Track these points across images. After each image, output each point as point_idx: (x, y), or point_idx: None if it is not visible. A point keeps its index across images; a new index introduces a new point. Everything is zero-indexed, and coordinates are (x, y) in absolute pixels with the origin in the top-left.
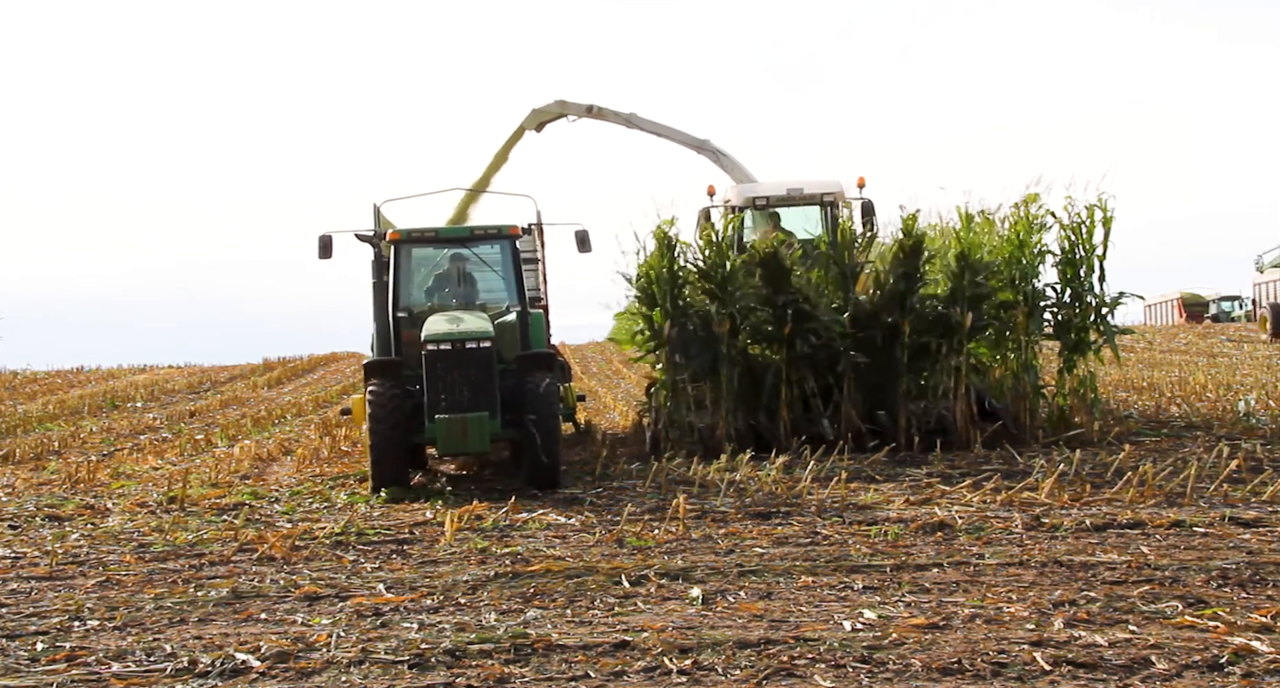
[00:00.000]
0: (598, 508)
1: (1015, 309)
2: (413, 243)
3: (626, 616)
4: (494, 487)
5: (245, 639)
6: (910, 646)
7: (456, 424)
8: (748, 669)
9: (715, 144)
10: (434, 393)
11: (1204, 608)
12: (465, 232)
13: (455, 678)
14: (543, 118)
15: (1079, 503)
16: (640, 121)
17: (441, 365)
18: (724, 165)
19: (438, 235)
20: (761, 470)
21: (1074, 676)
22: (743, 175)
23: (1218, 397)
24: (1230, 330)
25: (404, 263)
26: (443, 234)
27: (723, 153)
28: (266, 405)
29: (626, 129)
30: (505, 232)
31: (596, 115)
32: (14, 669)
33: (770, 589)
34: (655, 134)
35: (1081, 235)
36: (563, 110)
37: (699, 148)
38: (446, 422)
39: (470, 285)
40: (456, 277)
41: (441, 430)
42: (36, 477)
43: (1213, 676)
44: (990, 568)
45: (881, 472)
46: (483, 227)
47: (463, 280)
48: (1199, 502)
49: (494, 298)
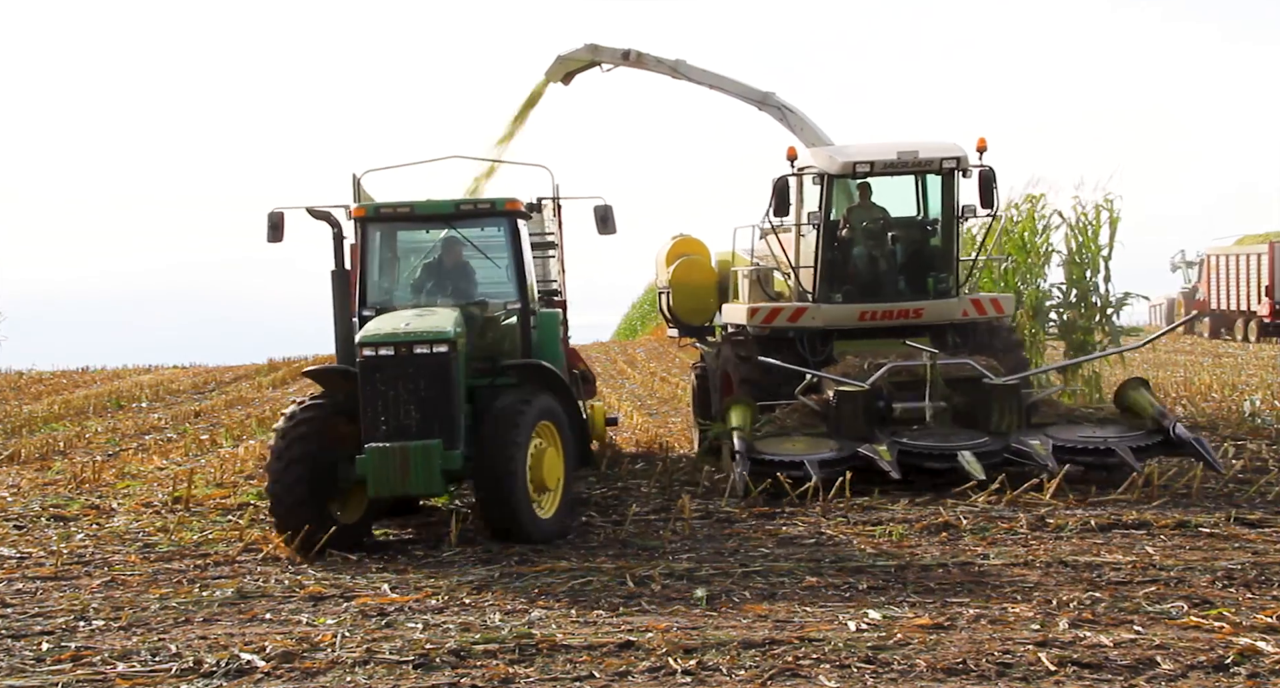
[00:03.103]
0: (603, 508)
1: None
2: (382, 220)
3: (631, 616)
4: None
5: (250, 639)
6: (915, 646)
7: (392, 456)
8: (752, 670)
9: (781, 98)
10: (371, 414)
11: (1209, 609)
12: (449, 206)
13: (460, 678)
14: (570, 67)
15: (1084, 504)
16: (690, 70)
17: (380, 377)
18: (791, 124)
19: (413, 211)
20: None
21: (1079, 676)
22: (814, 136)
23: (1223, 397)
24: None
25: (373, 247)
26: (419, 209)
27: (790, 109)
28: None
29: (673, 80)
30: (501, 206)
31: (635, 63)
32: (19, 669)
33: (775, 590)
34: (708, 86)
35: (1087, 235)
36: (594, 57)
37: (761, 102)
38: (379, 453)
39: (465, 278)
40: (449, 266)
41: (372, 464)
42: (42, 477)
43: (1218, 676)
44: (995, 569)
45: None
46: (471, 200)
47: (457, 271)
48: (1204, 502)
49: (496, 293)
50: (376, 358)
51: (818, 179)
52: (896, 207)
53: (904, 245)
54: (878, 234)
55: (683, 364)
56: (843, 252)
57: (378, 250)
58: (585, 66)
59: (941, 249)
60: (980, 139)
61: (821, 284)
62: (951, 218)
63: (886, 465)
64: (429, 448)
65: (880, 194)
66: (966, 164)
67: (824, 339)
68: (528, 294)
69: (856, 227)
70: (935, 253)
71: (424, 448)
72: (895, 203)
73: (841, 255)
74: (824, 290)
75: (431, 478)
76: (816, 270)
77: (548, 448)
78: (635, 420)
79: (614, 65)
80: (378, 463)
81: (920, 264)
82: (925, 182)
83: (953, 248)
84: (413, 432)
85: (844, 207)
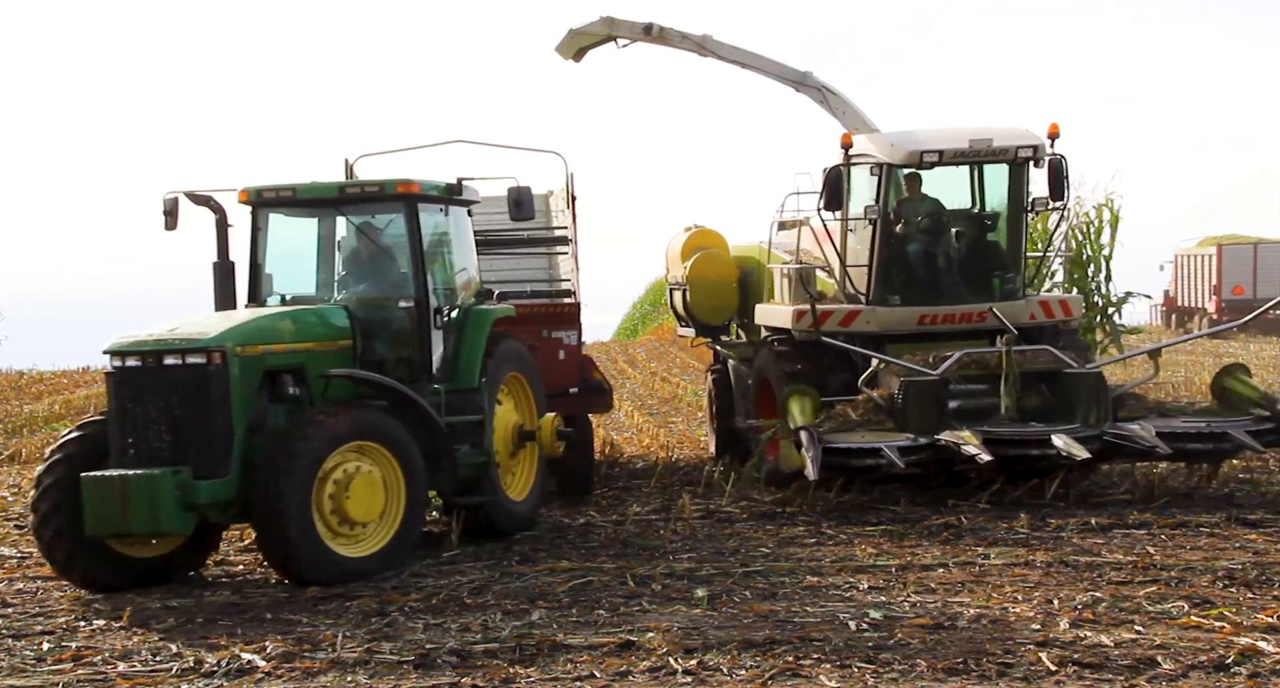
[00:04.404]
0: (603, 508)
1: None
2: (266, 205)
3: (632, 616)
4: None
5: (251, 639)
6: (916, 646)
7: (110, 488)
8: (753, 670)
9: (820, 78)
10: (118, 436)
11: (1210, 608)
12: (333, 189)
13: (460, 678)
14: (583, 42)
15: (1084, 504)
16: (718, 47)
17: (128, 393)
18: (833, 107)
19: (295, 195)
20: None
21: (1080, 676)
22: (859, 120)
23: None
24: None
25: (263, 237)
26: (302, 193)
27: (830, 90)
28: None
29: (699, 57)
30: (392, 189)
31: (657, 38)
32: (20, 669)
33: (775, 590)
34: (739, 65)
35: (1089, 235)
36: (610, 32)
37: (799, 83)
38: (94, 483)
39: (378, 271)
40: (365, 257)
41: (88, 497)
42: None
43: (1219, 676)
44: (995, 568)
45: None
46: (359, 182)
47: (371, 263)
48: (1205, 502)
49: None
50: (123, 370)
51: (875, 169)
52: (948, 198)
53: (966, 242)
54: (936, 229)
55: (683, 364)
56: (898, 249)
57: (271, 239)
58: (600, 42)
59: (1009, 245)
60: (1053, 124)
61: (877, 285)
62: (1020, 211)
63: (974, 449)
64: (153, 479)
65: (929, 184)
66: (1044, 152)
67: (876, 345)
68: (426, 290)
69: (911, 221)
70: (1000, 250)
71: (147, 479)
72: (946, 194)
73: (898, 253)
74: (879, 292)
75: (161, 514)
76: (871, 269)
77: (366, 474)
78: (636, 420)
79: (632, 40)
80: (94, 496)
81: (983, 262)
82: (983, 171)
83: (1020, 244)
84: (163, 457)
85: (893, 199)
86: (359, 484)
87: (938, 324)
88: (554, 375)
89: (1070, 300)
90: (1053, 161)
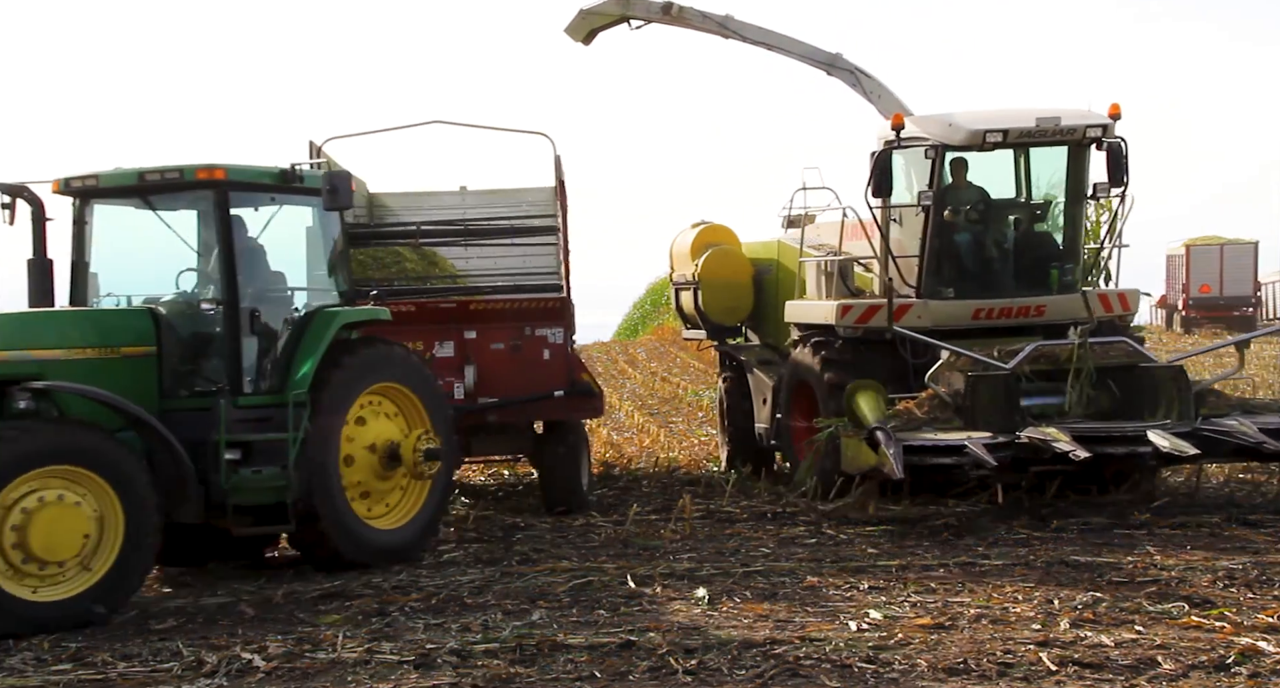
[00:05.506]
0: (603, 508)
1: None
2: (75, 195)
3: (632, 616)
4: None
5: (251, 639)
6: (916, 646)
7: None
8: (753, 670)
9: (850, 60)
10: None
11: (1210, 609)
12: (132, 177)
13: (461, 678)
14: (595, 22)
15: (1084, 504)
16: (742, 27)
17: None
18: (867, 90)
19: (99, 183)
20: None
21: (1080, 676)
22: (893, 103)
23: None
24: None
25: (88, 231)
26: (105, 181)
27: (863, 72)
28: None
29: (722, 39)
30: (191, 176)
31: (675, 18)
32: (19, 669)
33: (775, 590)
34: (764, 46)
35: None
36: (625, 12)
37: (829, 66)
38: None
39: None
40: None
41: None
42: None
43: (1219, 676)
44: (996, 568)
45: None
46: (159, 169)
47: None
48: (1205, 502)
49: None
50: None
51: (930, 152)
52: (992, 185)
53: (1021, 231)
54: (988, 218)
55: (684, 364)
56: (949, 238)
57: (105, 235)
58: (613, 23)
59: (1066, 235)
60: (1114, 105)
61: (928, 277)
62: (1080, 197)
63: (1067, 445)
64: None
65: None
66: (1112, 134)
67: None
68: (235, 290)
69: (959, 209)
70: (1057, 239)
71: None
72: (989, 180)
73: (949, 243)
74: (931, 285)
75: None
76: (922, 260)
77: (63, 504)
78: (636, 420)
79: (647, 20)
80: None
81: (1039, 253)
82: (1029, 157)
83: (1079, 234)
84: None
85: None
86: (48, 516)
87: (993, 319)
88: (537, 376)
89: (1129, 294)
90: (1112, 145)
